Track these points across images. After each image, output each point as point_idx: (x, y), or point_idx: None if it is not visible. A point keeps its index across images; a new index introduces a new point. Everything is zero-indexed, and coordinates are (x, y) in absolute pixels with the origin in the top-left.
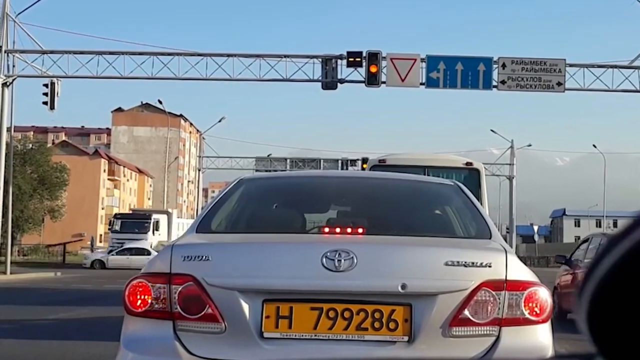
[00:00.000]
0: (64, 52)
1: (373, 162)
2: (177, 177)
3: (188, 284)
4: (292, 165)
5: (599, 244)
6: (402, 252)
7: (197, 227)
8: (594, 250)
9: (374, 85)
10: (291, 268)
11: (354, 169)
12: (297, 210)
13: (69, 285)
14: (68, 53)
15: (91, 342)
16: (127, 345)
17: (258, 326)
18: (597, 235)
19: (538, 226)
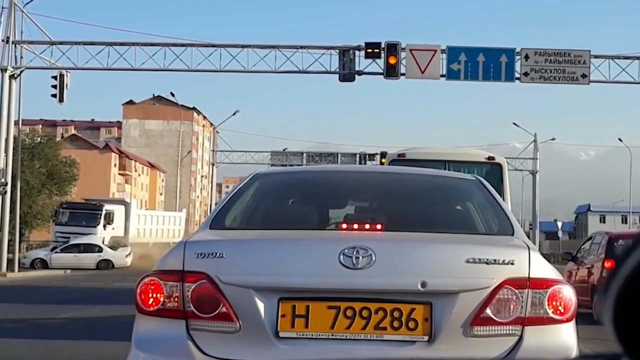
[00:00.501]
0: (73, 43)
1: (392, 157)
2: (190, 171)
3: (201, 282)
4: (308, 159)
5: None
6: (422, 249)
7: (211, 223)
8: (596, 248)
9: (393, 77)
10: (308, 265)
11: (372, 164)
12: (313, 206)
13: (78, 283)
14: (77, 44)
15: (101, 342)
16: (139, 345)
17: (273, 325)
18: (599, 233)
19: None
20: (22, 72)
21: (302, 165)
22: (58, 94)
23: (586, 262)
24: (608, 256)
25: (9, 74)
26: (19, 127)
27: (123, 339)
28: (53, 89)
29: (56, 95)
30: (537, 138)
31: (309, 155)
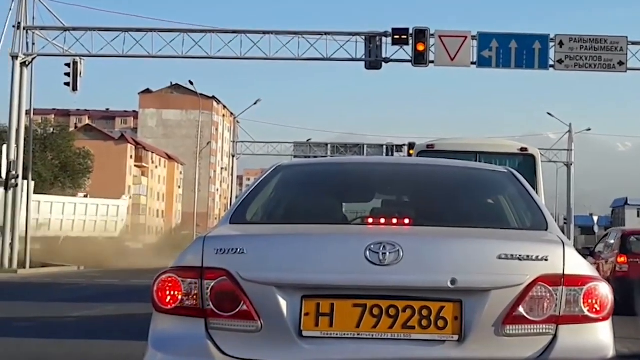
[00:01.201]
0: (87, 29)
1: (420, 148)
2: (209, 163)
3: (221, 279)
4: (333, 151)
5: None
6: (451, 245)
7: (231, 218)
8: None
9: (421, 65)
10: (332, 262)
11: (399, 155)
12: (338, 200)
13: (93, 280)
14: (92, 30)
15: (117, 342)
16: (156, 345)
17: (296, 324)
18: (615, 229)
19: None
20: (34, 59)
21: (326, 156)
22: (71, 82)
23: (602, 257)
24: (621, 251)
25: (20, 61)
26: (31, 116)
27: (139, 338)
28: (66, 77)
29: (69, 83)
30: (572, 128)
31: (334, 147)
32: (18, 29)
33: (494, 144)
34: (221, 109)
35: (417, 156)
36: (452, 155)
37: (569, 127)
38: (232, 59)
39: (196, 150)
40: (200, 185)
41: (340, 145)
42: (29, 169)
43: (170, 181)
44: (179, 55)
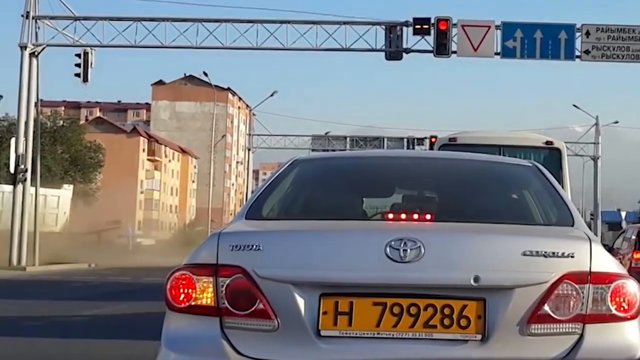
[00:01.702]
0: (98, 18)
1: (442, 141)
2: (224, 157)
3: (237, 277)
4: (352, 144)
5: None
6: (474, 241)
7: (247, 213)
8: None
9: (443, 55)
10: (351, 258)
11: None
12: (357, 195)
13: (104, 277)
14: (103, 20)
15: (129, 342)
16: (169, 345)
17: (314, 323)
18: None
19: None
20: (43, 49)
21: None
22: (82, 73)
23: (620, 253)
24: (637, 247)
25: (29, 51)
26: (39, 109)
27: (152, 338)
28: (76, 68)
29: (80, 74)
30: (599, 121)
31: (353, 140)
32: (27, 18)
33: (518, 137)
34: (236, 100)
35: (439, 150)
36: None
37: (596, 119)
38: (247, 49)
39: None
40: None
41: (359, 139)
42: (37, 163)
43: (184, 175)
44: (193, 46)
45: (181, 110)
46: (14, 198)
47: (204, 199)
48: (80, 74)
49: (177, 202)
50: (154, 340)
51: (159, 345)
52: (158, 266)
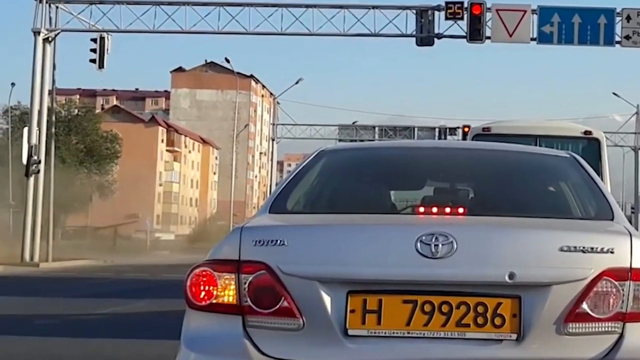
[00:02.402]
0: (115, 2)
1: (476, 131)
2: (247, 147)
3: (260, 273)
4: (381, 134)
5: None
6: (509, 236)
7: (271, 207)
8: None
9: (477, 41)
10: (380, 254)
11: (453, 139)
12: (387, 187)
13: (121, 274)
14: (120, 3)
15: (147, 341)
16: (189, 344)
17: (341, 322)
18: None
19: None
20: (57, 35)
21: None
22: (98, 59)
23: None
24: None
25: (42, 37)
26: (54, 97)
27: (171, 337)
28: (92, 54)
29: (95, 60)
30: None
31: (382, 129)
32: (40, 2)
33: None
34: (260, 88)
35: (472, 140)
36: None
37: (637, 108)
38: (271, 34)
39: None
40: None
41: (389, 128)
42: (51, 154)
43: (204, 167)
44: (215, 31)
45: (202, 99)
46: (27, 190)
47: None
48: (96, 60)
49: (197, 195)
50: (173, 339)
51: (179, 345)
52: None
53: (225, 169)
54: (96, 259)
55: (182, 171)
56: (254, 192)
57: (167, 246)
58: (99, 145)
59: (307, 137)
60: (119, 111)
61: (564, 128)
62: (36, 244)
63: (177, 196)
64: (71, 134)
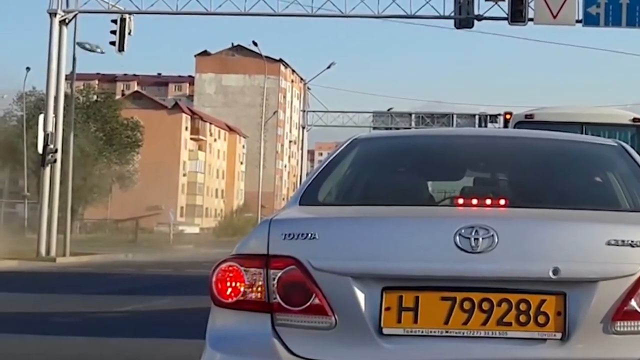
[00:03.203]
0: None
1: (518, 118)
2: (276, 136)
3: (290, 268)
4: (418, 121)
5: None
6: (554, 229)
7: (301, 198)
8: None
9: (519, 23)
10: (417, 249)
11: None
12: (424, 178)
13: (142, 269)
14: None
15: (170, 340)
16: (215, 344)
17: (376, 320)
18: None
19: None
20: (74, 16)
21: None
22: (118, 42)
23: None
24: None
25: (59, 18)
26: (72, 82)
27: (195, 336)
28: (112, 36)
29: (115, 43)
30: None
31: (419, 117)
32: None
33: (602, 113)
34: (289, 73)
35: (515, 128)
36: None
37: None
38: (302, 16)
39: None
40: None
41: (426, 115)
42: (69, 143)
43: (231, 156)
44: (241, 12)
45: (228, 84)
46: (43, 181)
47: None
48: (115, 42)
49: (223, 186)
50: (198, 339)
51: (204, 344)
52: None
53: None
54: (116, 254)
55: (207, 161)
56: (283, 182)
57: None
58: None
59: (339, 124)
60: (141, 97)
61: (611, 115)
62: (53, 238)
63: (201, 187)
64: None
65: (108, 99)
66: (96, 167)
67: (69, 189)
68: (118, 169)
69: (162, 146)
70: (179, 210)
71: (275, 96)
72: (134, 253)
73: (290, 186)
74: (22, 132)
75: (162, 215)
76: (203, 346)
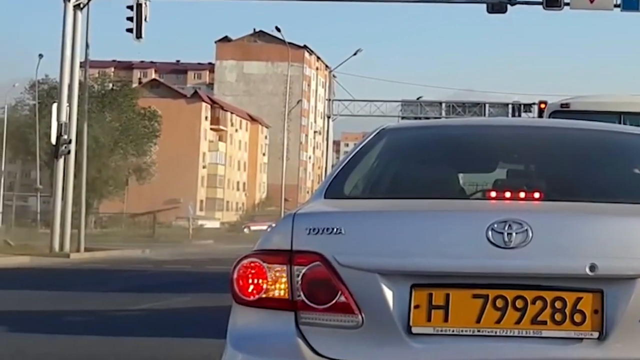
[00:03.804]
0: None
1: (553, 108)
2: (300, 126)
3: (314, 265)
4: (448, 111)
5: None
6: (591, 224)
7: (326, 191)
8: None
9: (554, 8)
10: (448, 244)
11: (528, 116)
12: (454, 170)
13: (160, 266)
14: None
15: (189, 340)
16: (236, 344)
17: (404, 319)
18: None
19: None
20: (89, 1)
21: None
22: (135, 28)
23: None
24: None
25: (73, 3)
26: (86, 70)
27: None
28: (128, 22)
29: (132, 30)
30: None
31: (449, 106)
32: None
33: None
34: (314, 60)
35: (550, 117)
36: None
37: None
38: (327, 0)
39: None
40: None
41: (457, 104)
42: (83, 133)
43: (253, 147)
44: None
45: (250, 72)
46: (56, 173)
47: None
48: (132, 29)
49: (245, 179)
50: (219, 338)
51: (224, 344)
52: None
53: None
54: (132, 249)
55: (228, 152)
56: (308, 175)
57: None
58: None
59: (366, 114)
60: (158, 85)
61: None
62: (66, 233)
63: (222, 179)
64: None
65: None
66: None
67: (83, 181)
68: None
69: (180, 137)
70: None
71: (299, 84)
72: (151, 249)
73: (315, 178)
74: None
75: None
76: (224, 346)
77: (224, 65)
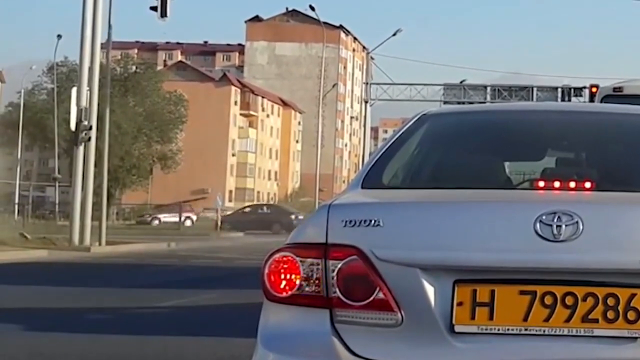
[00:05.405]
0: None
1: (605, 91)
2: (335, 111)
3: (351, 259)
4: (493, 95)
5: None
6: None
7: (363, 181)
8: None
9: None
10: (493, 237)
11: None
12: (500, 158)
13: (187, 260)
14: None
15: (218, 339)
16: (267, 343)
17: (447, 316)
18: None
19: None
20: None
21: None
22: (159, 6)
23: None
24: None
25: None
26: (108, 51)
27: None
28: (153, 1)
29: (156, 8)
30: None
31: (495, 90)
32: None
33: None
34: (350, 41)
35: (601, 102)
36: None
37: None
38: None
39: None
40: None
41: (502, 88)
42: (104, 119)
43: (285, 134)
44: None
45: (282, 54)
46: (76, 162)
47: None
48: (157, 7)
49: (277, 167)
50: (249, 337)
51: (255, 343)
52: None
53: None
54: (157, 243)
55: (259, 139)
56: (344, 163)
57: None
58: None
59: (406, 98)
60: (185, 68)
61: None
62: (87, 225)
63: (252, 168)
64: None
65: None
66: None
67: (105, 170)
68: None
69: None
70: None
71: (334, 67)
72: (177, 242)
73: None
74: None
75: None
76: (254, 345)
77: (255, 46)
